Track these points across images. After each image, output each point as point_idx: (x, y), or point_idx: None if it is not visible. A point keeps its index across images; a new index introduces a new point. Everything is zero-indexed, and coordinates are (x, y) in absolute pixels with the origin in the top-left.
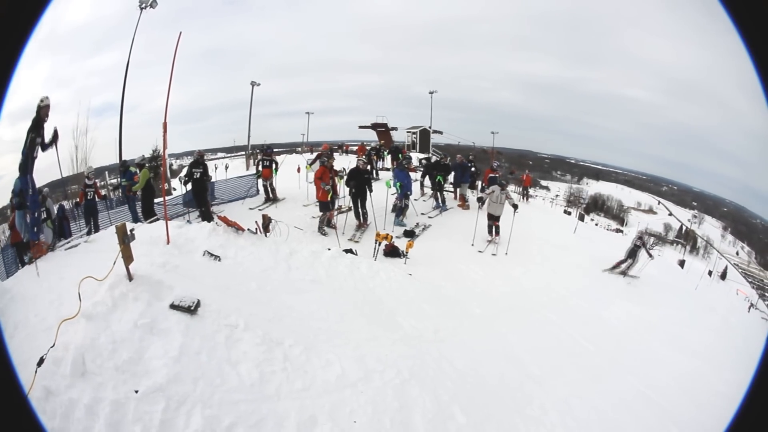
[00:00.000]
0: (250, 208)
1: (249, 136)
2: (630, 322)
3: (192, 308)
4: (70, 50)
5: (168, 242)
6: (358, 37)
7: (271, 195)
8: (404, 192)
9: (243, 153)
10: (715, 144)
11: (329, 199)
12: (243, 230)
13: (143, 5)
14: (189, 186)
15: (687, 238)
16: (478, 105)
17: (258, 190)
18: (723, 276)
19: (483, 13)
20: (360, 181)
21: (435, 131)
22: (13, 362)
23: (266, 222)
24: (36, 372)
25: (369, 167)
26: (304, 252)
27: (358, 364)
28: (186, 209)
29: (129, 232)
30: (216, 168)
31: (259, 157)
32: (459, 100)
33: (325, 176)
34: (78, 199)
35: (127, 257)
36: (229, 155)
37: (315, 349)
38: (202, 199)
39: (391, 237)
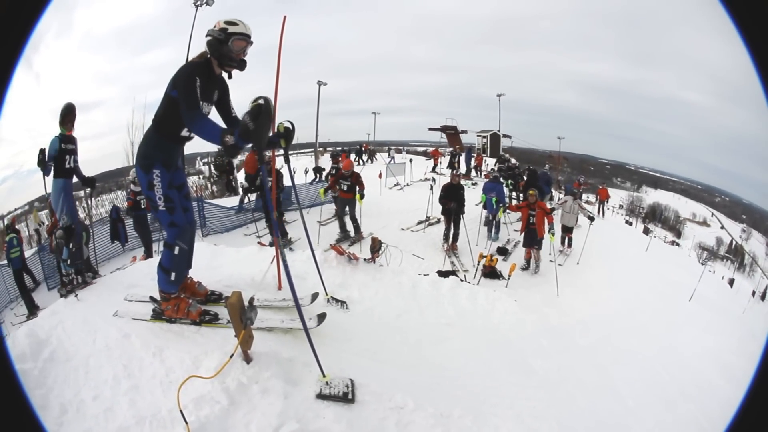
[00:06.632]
0: (318, 222)
1: (316, 136)
2: (698, 350)
3: (348, 395)
4: (124, 47)
5: (279, 287)
6: (417, 36)
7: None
8: (499, 207)
9: (311, 150)
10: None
11: None
12: (357, 260)
13: (198, 3)
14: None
15: (736, 254)
16: (538, 106)
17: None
18: (763, 296)
19: (542, 9)
20: (457, 199)
21: (504, 135)
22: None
23: (376, 246)
24: None
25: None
26: (424, 283)
27: (519, 425)
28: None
29: (249, 305)
30: (294, 171)
31: (329, 167)
32: (519, 101)
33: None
34: (127, 203)
35: (246, 341)
36: (292, 152)
37: (482, 415)
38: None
39: (497, 260)
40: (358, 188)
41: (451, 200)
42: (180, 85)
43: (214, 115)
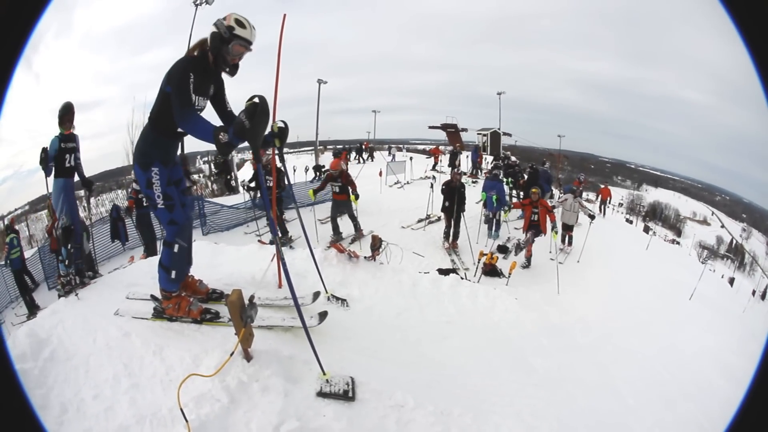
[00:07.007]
0: (318, 220)
1: (317, 134)
2: (698, 350)
3: (348, 393)
4: (124, 46)
5: (280, 285)
6: (417, 34)
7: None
8: (500, 206)
9: (311, 149)
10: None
11: None
12: (358, 258)
13: (198, 2)
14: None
15: (737, 253)
16: (539, 105)
17: None
18: (764, 296)
19: (541, 8)
20: (458, 197)
21: (505, 133)
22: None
23: (377, 244)
24: None
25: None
26: (424, 281)
27: (519, 423)
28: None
29: (250, 304)
30: (295, 169)
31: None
32: (519, 99)
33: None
34: (128, 203)
35: (247, 339)
36: (292, 151)
37: (482, 413)
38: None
39: (497, 258)
40: (350, 189)
41: (452, 199)
42: (173, 82)
43: (210, 111)
